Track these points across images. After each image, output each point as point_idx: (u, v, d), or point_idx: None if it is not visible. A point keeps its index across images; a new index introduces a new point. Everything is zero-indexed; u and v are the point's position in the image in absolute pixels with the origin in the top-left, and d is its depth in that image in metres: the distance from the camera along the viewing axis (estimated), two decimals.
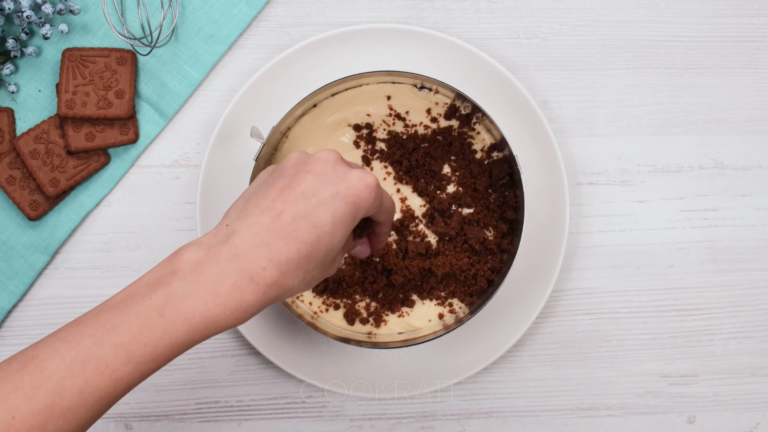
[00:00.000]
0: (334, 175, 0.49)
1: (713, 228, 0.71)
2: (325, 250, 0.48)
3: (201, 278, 0.46)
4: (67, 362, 0.44)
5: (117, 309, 0.45)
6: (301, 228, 0.47)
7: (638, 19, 0.71)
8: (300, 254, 0.47)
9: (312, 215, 0.47)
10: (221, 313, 0.45)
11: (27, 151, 0.67)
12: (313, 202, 0.48)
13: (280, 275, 0.46)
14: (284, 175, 0.49)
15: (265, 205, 0.48)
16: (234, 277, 0.46)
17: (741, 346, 0.71)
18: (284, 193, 0.48)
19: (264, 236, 0.47)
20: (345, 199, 0.48)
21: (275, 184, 0.49)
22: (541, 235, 0.68)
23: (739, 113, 0.71)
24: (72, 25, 0.68)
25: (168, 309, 0.45)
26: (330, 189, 0.48)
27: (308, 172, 0.49)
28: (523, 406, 0.71)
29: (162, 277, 0.46)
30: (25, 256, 0.69)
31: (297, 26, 0.70)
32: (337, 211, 0.48)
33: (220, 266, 0.46)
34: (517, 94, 0.67)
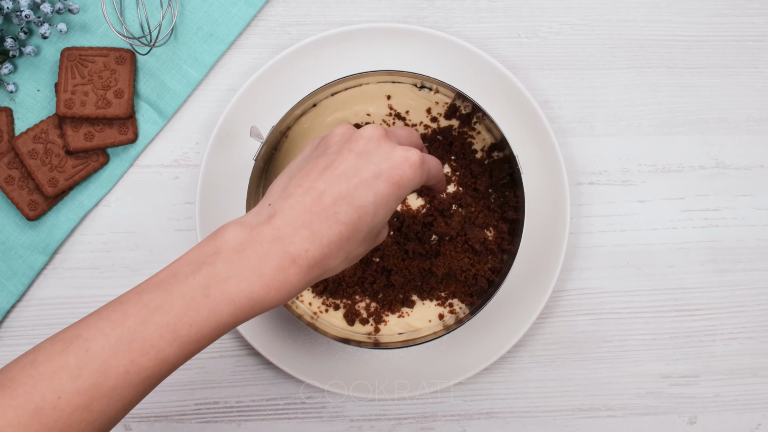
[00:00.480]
0: (377, 153, 0.49)
1: (714, 228, 0.71)
2: (366, 230, 0.48)
3: (245, 259, 0.46)
4: (111, 342, 0.44)
5: (160, 288, 0.45)
6: (342, 210, 0.47)
7: (639, 19, 0.71)
8: (341, 236, 0.47)
9: (353, 196, 0.47)
10: (266, 293, 0.46)
11: (26, 150, 0.67)
12: (355, 182, 0.47)
13: (323, 257, 0.47)
14: (327, 152, 0.49)
15: (307, 185, 0.48)
16: (277, 258, 0.46)
17: (742, 347, 0.71)
18: (326, 172, 0.48)
19: (305, 218, 0.47)
20: (388, 180, 0.48)
21: (318, 162, 0.49)
22: (541, 235, 0.68)
23: (740, 113, 0.71)
24: (71, 25, 0.68)
25: (213, 289, 0.45)
26: (373, 169, 0.48)
27: (351, 150, 0.49)
28: (524, 406, 0.70)
29: (205, 256, 0.46)
30: (24, 257, 0.68)
31: (297, 25, 0.70)
32: (380, 192, 0.48)
33: (263, 247, 0.46)
34: (517, 94, 0.67)
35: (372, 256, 0.66)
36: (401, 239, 0.66)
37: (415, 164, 0.49)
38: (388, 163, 0.48)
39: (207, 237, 0.48)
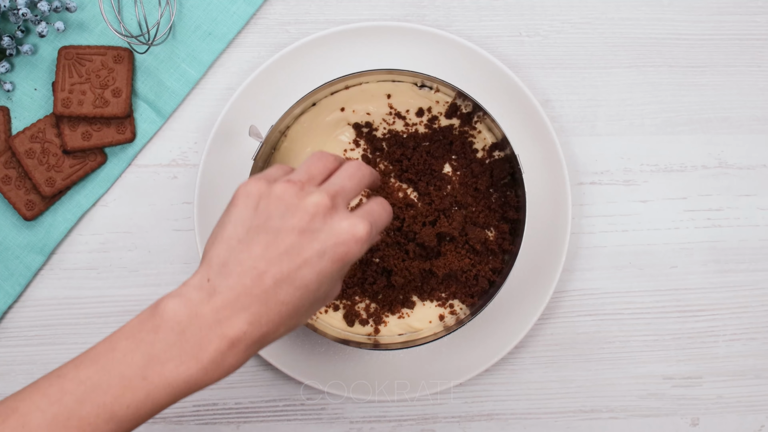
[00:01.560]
0: (321, 230, 0.48)
1: (717, 228, 0.71)
2: (308, 304, 0.48)
3: (183, 342, 0.46)
4: (48, 419, 0.45)
5: (98, 364, 0.46)
6: (283, 290, 0.47)
7: (641, 17, 0.70)
8: (281, 315, 0.47)
9: (295, 277, 0.47)
10: (203, 375, 0.46)
11: (23, 150, 0.67)
12: (298, 263, 0.47)
13: (261, 336, 0.47)
14: (268, 225, 0.48)
15: (249, 264, 0.47)
16: (216, 342, 0.46)
17: (745, 348, 0.71)
18: (268, 251, 0.47)
19: (245, 301, 0.47)
20: (332, 258, 0.47)
21: (258, 237, 0.48)
22: (542, 236, 0.67)
23: (743, 112, 0.71)
24: (68, 23, 0.68)
25: (150, 372, 0.46)
26: (316, 247, 0.47)
27: (294, 228, 0.47)
28: (525, 408, 0.70)
29: (144, 332, 0.47)
30: (21, 257, 0.68)
31: (296, 24, 0.70)
32: (323, 270, 0.47)
33: (201, 332, 0.46)
34: (518, 93, 0.67)
35: (372, 256, 0.65)
36: (401, 239, 0.65)
37: (362, 239, 0.48)
38: (333, 240, 0.47)
39: (148, 308, 0.48)
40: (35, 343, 0.69)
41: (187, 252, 0.69)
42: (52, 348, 0.69)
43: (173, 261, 0.69)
